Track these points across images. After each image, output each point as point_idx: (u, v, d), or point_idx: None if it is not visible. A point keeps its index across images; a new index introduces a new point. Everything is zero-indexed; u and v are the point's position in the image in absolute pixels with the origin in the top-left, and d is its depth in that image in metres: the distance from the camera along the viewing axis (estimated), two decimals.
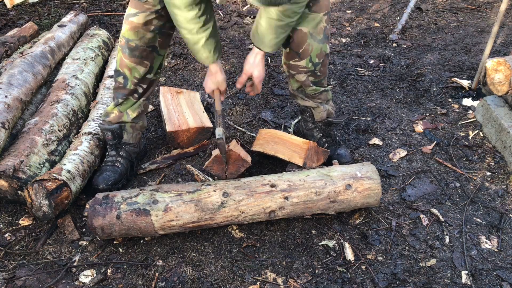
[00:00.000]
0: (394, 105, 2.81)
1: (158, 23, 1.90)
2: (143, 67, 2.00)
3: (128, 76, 2.01)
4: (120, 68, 2.02)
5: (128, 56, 1.96)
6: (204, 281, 1.73)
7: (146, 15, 1.86)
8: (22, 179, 1.89)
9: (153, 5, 1.84)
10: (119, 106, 2.10)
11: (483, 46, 3.38)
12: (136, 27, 1.88)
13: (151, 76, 2.06)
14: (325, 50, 2.02)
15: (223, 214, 1.81)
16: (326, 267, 1.79)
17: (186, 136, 2.37)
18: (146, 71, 2.02)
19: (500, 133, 2.37)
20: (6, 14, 3.90)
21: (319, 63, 2.04)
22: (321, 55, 2.01)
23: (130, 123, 2.14)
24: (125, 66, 1.99)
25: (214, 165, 1.96)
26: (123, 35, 1.94)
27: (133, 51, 1.94)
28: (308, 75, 2.07)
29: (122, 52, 1.97)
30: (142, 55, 1.96)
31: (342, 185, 1.87)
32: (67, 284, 1.72)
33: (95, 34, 3.10)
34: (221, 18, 4.02)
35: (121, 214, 1.74)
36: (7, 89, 2.20)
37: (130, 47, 1.93)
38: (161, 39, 1.97)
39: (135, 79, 2.02)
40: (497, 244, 1.90)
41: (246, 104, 2.81)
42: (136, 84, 2.04)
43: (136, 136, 2.19)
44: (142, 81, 2.05)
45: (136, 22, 1.88)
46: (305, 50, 1.99)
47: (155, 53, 1.99)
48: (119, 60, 2.00)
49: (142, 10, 1.86)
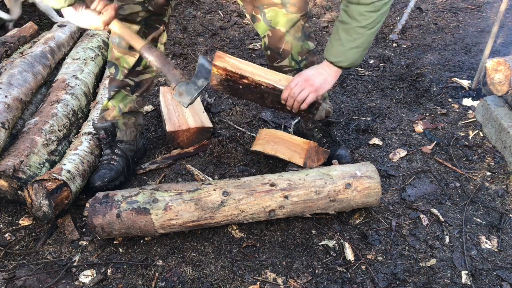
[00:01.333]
0: (394, 105, 2.81)
1: (145, 15, 1.93)
2: (131, 56, 2.03)
3: (118, 66, 2.05)
4: (111, 59, 2.06)
5: (117, 46, 2.00)
6: (204, 281, 1.73)
7: (130, 7, 1.89)
8: (22, 179, 1.89)
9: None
10: (112, 100, 2.13)
11: (483, 46, 3.38)
12: (122, 19, 1.88)
13: (140, 69, 2.08)
14: (307, 47, 2.02)
15: (223, 213, 1.81)
16: (326, 267, 1.79)
17: (186, 136, 2.37)
18: (134, 61, 2.04)
19: (500, 133, 2.37)
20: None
21: (303, 60, 2.04)
22: (302, 52, 2.02)
23: (122, 120, 2.15)
24: (115, 57, 2.03)
25: None
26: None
27: (121, 41, 1.98)
28: (294, 73, 2.06)
29: (111, 42, 2.02)
30: (128, 46, 1.96)
31: (342, 184, 1.87)
32: (67, 284, 1.72)
33: (95, 34, 3.10)
34: (221, 18, 4.02)
35: (121, 213, 1.74)
36: (7, 89, 2.20)
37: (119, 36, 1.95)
38: (146, 29, 1.98)
39: (125, 69, 2.05)
40: (497, 244, 1.89)
41: (246, 104, 2.81)
42: (126, 76, 2.07)
43: (130, 134, 2.19)
44: (132, 73, 2.07)
45: (122, 14, 1.89)
46: (285, 50, 1.99)
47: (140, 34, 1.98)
48: (110, 51, 2.05)
49: (126, 2, 1.89)
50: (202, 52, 3.42)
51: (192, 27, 3.87)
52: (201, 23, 3.90)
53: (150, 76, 2.14)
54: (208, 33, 3.73)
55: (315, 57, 2.08)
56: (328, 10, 4.20)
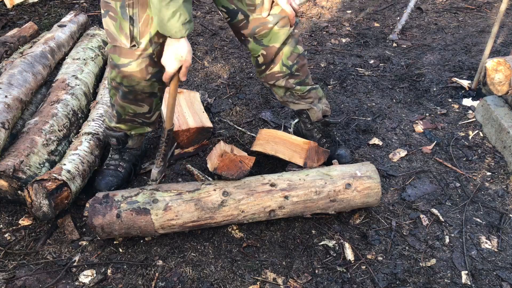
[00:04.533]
0: (394, 105, 2.81)
1: (153, 70, 1.75)
2: (139, 107, 1.90)
3: (122, 113, 1.94)
4: (115, 103, 1.92)
5: (121, 98, 1.85)
6: (204, 281, 1.73)
7: (139, 63, 1.70)
8: (22, 179, 1.89)
9: (144, 49, 1.68)
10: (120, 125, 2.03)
11: (483, 46, 3.38)
12: (130, 76, 1.74)
13: (150, 115, 1.97)
14: (297, 51, 1.99)
15: (223, 213, 1.81)
16: (326, 267, 1.79)
17: (186, 136, 2.37)
18: (142, 111, 1.93)
19: (500, 133, 2.37)
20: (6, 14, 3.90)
21: (294, 65, 2.01)
22: (292, 57, 1.99)
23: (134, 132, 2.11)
24: (119, 105, 1.90)
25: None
26: (114, 79, 1.80)
27: (127, 95, 1.83)
28: (287, 78, 2.05)
29: (114, 90, 1.86)
30: (137, 99, 1.85)
31: (342, 184, 1.87)
32: (67, 284, 1.72)
33: (95, 34, 3.10)
34: (221, 18, 4.02)
35: (121, 213, 1.74)
36: (7, 89, 2.20)
37: (124, 91, 1.82)
38: (160, 85, 1.84)
39: (128, 116, 1.95)
40: (497, 244, 1.90)
41: (246, 104, 2.81)
42: (132, 118, 1.97)
43: (139, 142, 2.19)
44: (138, 116, 1.96)
45: (129, 71, 1.73)
46: (277, 57, 1.98)
47: (153, 97, 1.89)
48: (113, 96, 1.90)
49: (134, 58, 1.69)
50: (202, 52, 3.42)
51: None
52: (201, 23, 3.90)
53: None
54: (208, 33, 3.73)
55: (305, 59, 2.07)
56: (328, 10, 4.20)
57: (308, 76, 2.13)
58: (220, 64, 3.25)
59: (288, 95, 2.15)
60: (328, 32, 3.81)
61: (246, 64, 3.25)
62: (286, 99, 2.18)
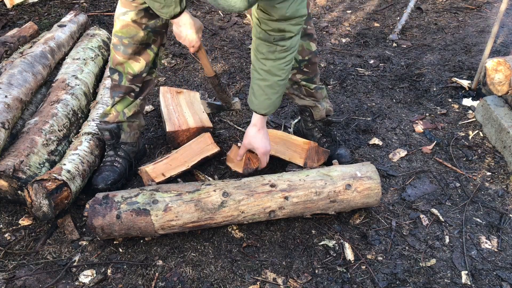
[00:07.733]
0: (394, 105, 2.81)
1: (148, 21, 1.91)
2: (136, 62, 2.01)
3: (122, 72, 2.03)
4: (114, 65, 2.04)
5: (122, 53, 1.98)
6: (204, 281, 1.73)
7: (135, 13, 1.88)
8: (22, 179, 1.89)
9: (141, 3, 1.85)
10: (116, 106, 2.10)
11: (483, 46, 3.38)
12: (127, 25, 1.91)
13: (145, 75, 2.06)
14: (308, 48, 2.02)
15: (223, 214, 1.81)
16: (326, 267, 1.79)
17: (186, 136, 2.36)
18: (140, 67, 2.02)
19: (500, 133, 2.37)
20: (6, 14, 3.90)
21: (304, 60, 2.03)
22: (303, 52, 2.01)
23: (127, 123, 2.14)
24: (118, 63, 2.01)
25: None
26: (116, 34, 1.96)
27: (126, 48, 1.96)
28: (294, 73, 2.07)
29: (115, 50, 1.99)
30: (135, 52, 1.97)
31: (342, 185, 1.87)
32: (67, 284, 1.72)
33: (95, 34, 3.10)
34: (221, 18, 4.01)
35: (121, 214, 1.74)
36: (7, 89, 2.20)
37: (124, 44, 1.95)
38: (155, 37, 1.98)
39: (129, 75, 2.03)
40: (497, 244, 1.90)
41: (246, 104, 2.81)
42: (131, 81, 2.05)
43: (134, 136, 2.19)
44: (136, 79, 2.05)
45: (127, 21, 1.90)
46: None
47: (149, 49, 2.00)
48: (112, 58, 2.03)
49: (131, 8, 1.88)
50: None
51: None
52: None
53: (151, 78, 2.13)
54: (208, 33, 3.72)
55: (316, 58, 2.07)
56: (328, 10, 4.20)
57: (317, 75, 2.14)
58: (220, 64, 3.25)
59: (295, 88, 2.17)
60: (328, 32, 3.81)
61: (246, 64, 3.25)
62: (293, 92, 2.19)
